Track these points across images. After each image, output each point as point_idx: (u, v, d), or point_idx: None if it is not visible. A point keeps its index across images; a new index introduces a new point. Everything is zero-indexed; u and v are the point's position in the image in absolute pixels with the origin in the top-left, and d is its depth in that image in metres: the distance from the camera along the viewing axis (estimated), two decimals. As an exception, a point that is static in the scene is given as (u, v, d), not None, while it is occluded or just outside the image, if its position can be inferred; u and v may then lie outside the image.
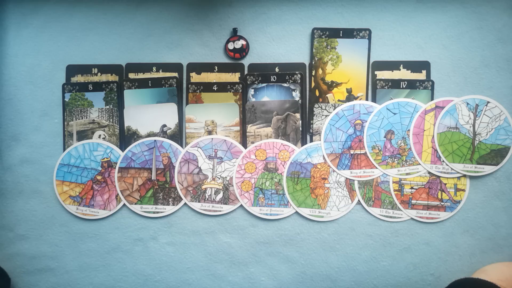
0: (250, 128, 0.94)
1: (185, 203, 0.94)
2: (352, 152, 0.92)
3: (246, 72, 0.94)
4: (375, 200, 0.92)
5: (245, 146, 0.94)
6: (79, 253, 0.95)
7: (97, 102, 0.95)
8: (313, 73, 0.93)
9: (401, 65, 0.92)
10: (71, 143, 0.95)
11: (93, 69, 0.95)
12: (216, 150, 0.94)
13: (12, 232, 0.96)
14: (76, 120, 0.95)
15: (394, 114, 0.91)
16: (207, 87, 0.94)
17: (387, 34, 0.92)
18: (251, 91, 0.94)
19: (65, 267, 0.96)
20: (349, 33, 0.92)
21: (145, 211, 0.94)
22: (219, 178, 0.94)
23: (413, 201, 0.92)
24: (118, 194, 0.95)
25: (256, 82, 0.93)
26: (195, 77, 0.95)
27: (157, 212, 0.94)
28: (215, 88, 0.94)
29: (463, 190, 0.91)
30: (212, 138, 0.94)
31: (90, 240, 0.95)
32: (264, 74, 0.93)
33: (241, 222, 0.94)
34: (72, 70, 0.96)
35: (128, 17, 0.95)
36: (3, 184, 0.96)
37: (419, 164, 0.91)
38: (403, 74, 0.92)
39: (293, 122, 0.93)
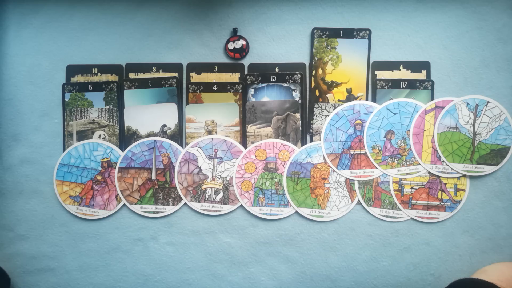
0: (250, 128, 0.94)
1: (185, 203, 0.94)
2: (352, 152, 0.92)
3: (246, 72, 0.94)
4: (375, 200, 0.92)
5: (245, 146, 0.94)
6: (79, 253, 0.95)
7: (97, 102, 0.95)
8: (313, 73, 0.93)
9: (401, 65, 0.92)
10: (71, 143, 0.95)
11: (93, 69, 0.95)
12: (216, 150, 0.94)
13: (12, 232, 0.96)
14: (76, 120, 0.95)
15: (394, 114, 0.91)
16: (207, 87, 0.94)
17: (387, 34, 0.92)
18: (251, 91, 0.94)
19: (65, 267, 0.96)
20: (349, 33, 0.92)
21: (145, 211, 0.94)
22: (219, 178, 0.94)
23: (413, 201, 0.91)
24: (118, 194, 0.95)
25: (256, 82, 0.93)
26: (195, 77, 0.95)
27: (157, 212, 0.94)
28: (215, 88, 0.94)
29: (463, 190, 0.91)
30: (212, 138, 0.94)
31: (90, 240, 0.95)
32: (264, 74, 0.93)
33: (241, 222, 0.94)
34: (72, 70, 0.96)
35: (128, 17, 0.95)
36: (3, 184, 0.96)
37: (419, 164, 0.91)
38: (403, 74, 0.92)
39: (293, 122, 0.93)
